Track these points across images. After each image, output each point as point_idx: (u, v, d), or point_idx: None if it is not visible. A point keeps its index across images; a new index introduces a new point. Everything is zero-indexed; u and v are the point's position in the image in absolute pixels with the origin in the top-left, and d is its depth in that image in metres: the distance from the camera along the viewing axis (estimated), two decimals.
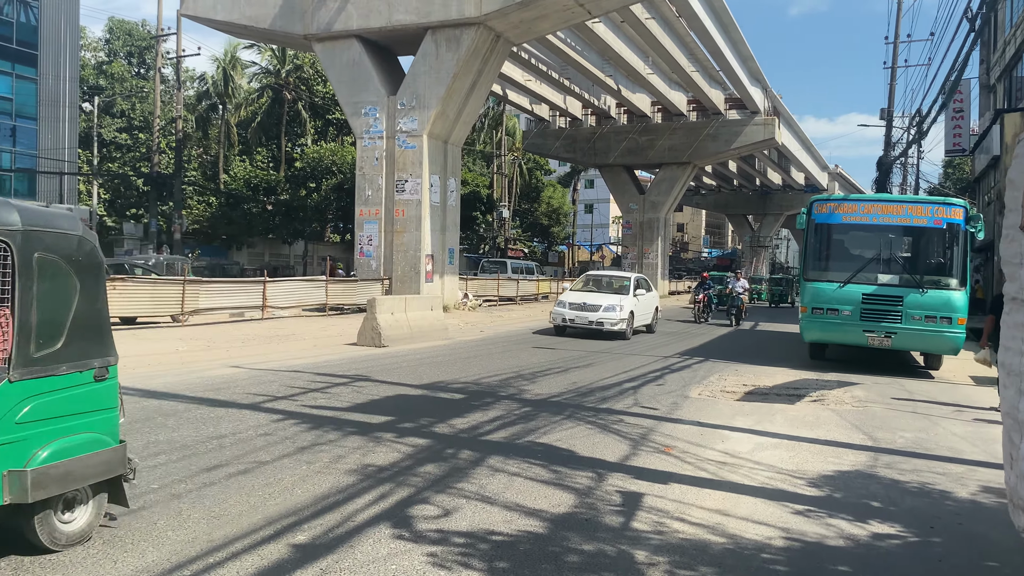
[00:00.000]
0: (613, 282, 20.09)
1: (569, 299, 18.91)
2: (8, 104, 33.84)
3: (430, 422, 7.87)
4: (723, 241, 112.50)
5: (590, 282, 20.44)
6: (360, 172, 26.73)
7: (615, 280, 20.30)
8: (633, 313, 18.63)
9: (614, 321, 17.86)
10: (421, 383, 10.53)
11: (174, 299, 18.62)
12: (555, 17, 25.36)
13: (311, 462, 6.14)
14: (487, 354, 14.50)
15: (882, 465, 6.97)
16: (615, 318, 17.89)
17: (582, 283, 20.53)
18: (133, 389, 9.23)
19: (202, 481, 5.55)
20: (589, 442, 7.27)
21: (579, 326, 18.23)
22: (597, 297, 18.66)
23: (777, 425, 8.63)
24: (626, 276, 20.70)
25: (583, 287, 20.04)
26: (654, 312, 21.13)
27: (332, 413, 8.16)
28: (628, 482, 5.97)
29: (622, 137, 49.10)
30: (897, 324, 13.57)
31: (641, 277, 21.15)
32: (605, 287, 19.76)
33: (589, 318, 17.98)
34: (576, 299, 18.69)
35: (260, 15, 27.33)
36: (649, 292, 20.86)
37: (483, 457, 6.52)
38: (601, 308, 18.01)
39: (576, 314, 18.24)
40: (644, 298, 19.90)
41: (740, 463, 6.77)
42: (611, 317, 17.87)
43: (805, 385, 11.95)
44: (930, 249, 14.11)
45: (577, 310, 18.32)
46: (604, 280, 20.50)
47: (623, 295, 18.85)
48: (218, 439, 6.82)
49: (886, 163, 33.11)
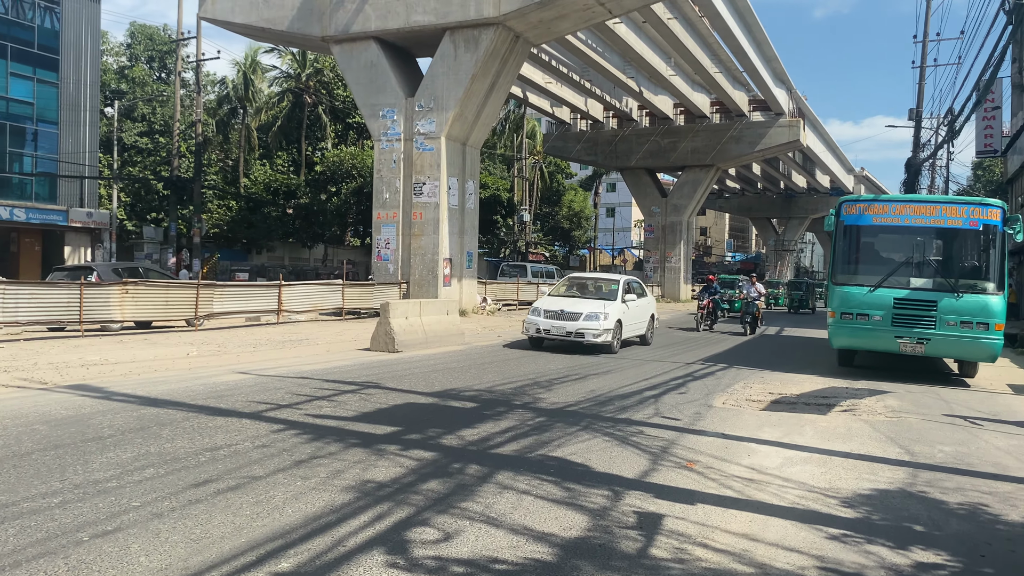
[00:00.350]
0: (599, 286, 17.78)
1: (545, 306, 16.19)
2: (29, 108, 33.93)
3: (438, 433, 7.46)
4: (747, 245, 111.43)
5: (572, 286, 18.07)
6: (377, 175, 26.45)
7: (601, 283, 17.91)
8: (621, 322, 16.10)
9: (596, 331, 15.35)
10: (432, 391, 10.13)
11: (187, 303, 18.37)
12: (575, 17, 24.94)
13: (307, 477, 5.75)
14: (503, 360, 14.08)
15: (922, 483, 6.47)
16: (598, 328, 15.37)
17: (563, 287, 18.09)
18: (133, 396, 8.93)
19: (188, 498, 5.17)
20: (606, 456, 6.82)
21: (556, 338, 15.72)
22: (578, 303, 16.14)
23: (807, 437, 8.14)
24: (613, 279, 17.91)
25: (564, 291, 17.63)
26: (649, 320, 18.56)
27: (336, 423, 7.78)
28: (647, 501, 5.52)
29: (644, 139, 48.59)
30: (931, 330, 13.00)
31: (632, 280, 18.58)
32: (589, 292, 17.46)
33: (567, 328, 15.49)
34: (553, 306, 16.05)
35: (278, 17, 27.16)
36: (642, 297, 18.35)
37: (491, 472, 6.10)
38: (581, 316, 15.48)
39: (552, 324, 15.65)
40: (635, 304, 17.41)
41: (768, 480, 6.30)
42: (593, 327, 15.36)
43: (834, 393, 11.42)
44: (965, 251, 13.51)
45: (553, 319, 15.70)
46: (588, 283, 18.17)
47: (609, 301, 16.30)
48: (212, 451, 6.45)
49: (915, 164, 32.33)
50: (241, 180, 48.01)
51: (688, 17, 34.31)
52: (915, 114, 33.07)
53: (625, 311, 16.52)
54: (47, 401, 8.51)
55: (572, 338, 15.47)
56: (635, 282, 18.57)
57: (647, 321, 18.34)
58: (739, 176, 69.91)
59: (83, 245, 35.85)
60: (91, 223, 35.71)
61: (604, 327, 15.42)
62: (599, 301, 16.26)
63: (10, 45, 32.86)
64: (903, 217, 13.61)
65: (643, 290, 18.81)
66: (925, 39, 32.53)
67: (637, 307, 17.51)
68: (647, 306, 18.59)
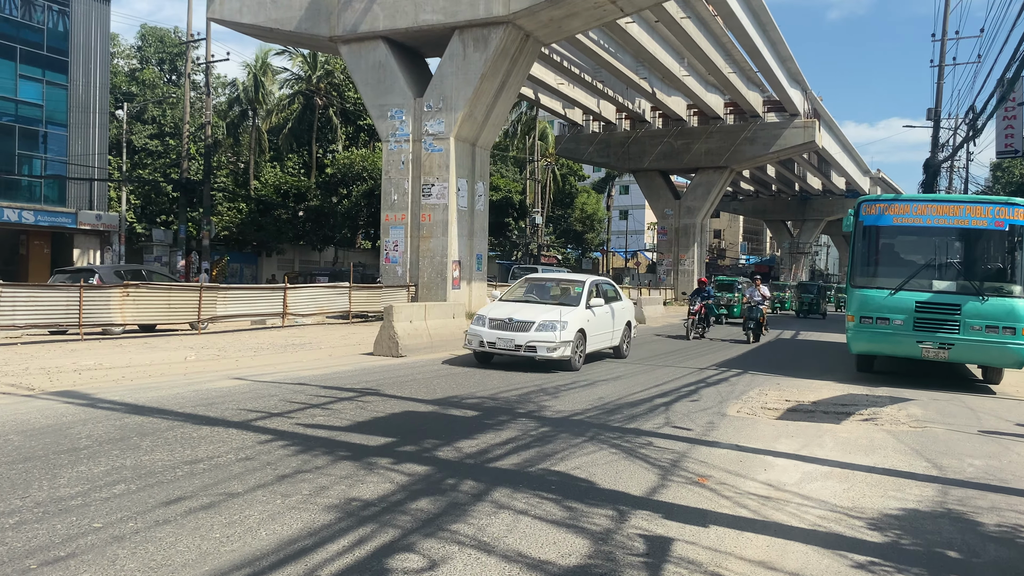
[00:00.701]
0: (560, 288, 14.92)
1: (491, 313, 13.26)
2: (39, 111, 33.79)
3: (434, 445, 7.04)
4: (761, 248, 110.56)
5: (530, 288, 15.09)
6: (386, 176, 26.09)
7: (563, 285, 15.02)
8: (584, 332, 13.40)
9: (551, 344, 12.54)
10: (433, 398, 9.71)
11: (190, 306, 18.05)
12: (586, 15, 24.51)
13: (287, 495, 5.34)
14: (509, 365, 13.65)
15: (953, 501, 5.99)
16: (552, 340, 12.54)
17: (519, 289, 15.16)
18: (120, 403, 8.57)
19: (155, 518, 4.77)
20: (612, 470, 6.38)
21: (502, 351, 12.90)
22: (531, 310, 13.20)
23: (826, 449, 7.67)
24: (577, 280, 14.97)
25: (519, 295, 14.80)
26: (624, 329, 15.71)
27: (327, 433, 7.37)
28: (655, 523, 5.08)
29: (657, 141, 48.09)
30: (954, 335, 12.47)
31: (603, 282, 15.74)
32: (549, 295, 14.69)
33: (515, 340, 12.64)
34: (500, 313, 13.17)
35: (285, 17, 26.88)
36: (614, 302, 15.44)
37: (487, 489, 5.67)
38: (533, 326, 12.66)
39: (498, 335, 12.80)
40: (604, 311, 14.49)
41: (786, 498, 5.84)
42: (547, 339, 12.54)
43: (854, 401, 10.93)
44: (990, 253, 12.97)
45: (500, 328, 12.87)
46: (548, 285, 15.21)
47: (570, 307, 13.51)
48: (191, 464, 6.05)
49: (933, 165, 31.68)
50: (251, 182, 47.86)
51: (701, 16, 33.81)
52: (934, 114, 32.44)
53: (590, 319, 13.80)
54: (28, 409, 8.16)
55: (522, 353, 12.65)
56: (606, 284, 15.89)
57: (621, 330, 15.54)
58: (753, 178, 69.25)
59: (92, 248, 35.68)
60: (100, 226, 35.54)
61: (561, 338, 12.63)
62: (557, 307, 13.32)
63: (19, 47, 32.74)
64: (925, 217, 13.09)
65: (617, 293, 16.09)
66: (944, 37, 31.92)
67: (607, 314, 14.68)
68: (622, 312, 15.65)
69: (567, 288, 14.78)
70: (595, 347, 14.25)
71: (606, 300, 14.88)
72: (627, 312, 16.07)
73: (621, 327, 15.53)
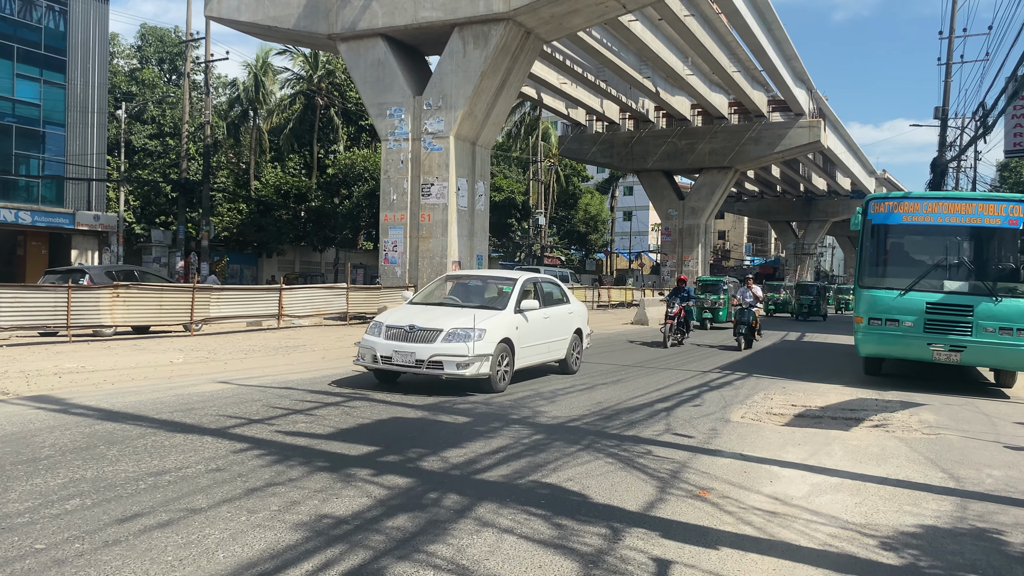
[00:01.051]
0: (486, 288, 12.08)
1: (389, 320, 10.49)
2: (36, 110, 33.49)
3: (420, 454, 6.64)
4: (766, 249, 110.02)
5: (454, 288, 12.23)
6: (385, 175, 25.75)
7: (490, 284, 12.14)
8: (511, 343, 10.61)
9: (463, 359, 9.74)
10: (424, 403, 9.31)
11: (183, 308, 17.69)
12: (588, 12, 24.14)
13: (254, 511, 4.94)
14: None
15: (973, 516, 5.57)
16: (464, 354, 9.74)
17: (434, 288, 12.35)
18: (94, 409, 8.18)
19: (105, 538, 4.37)
20: (607, 482, 5.97)
21: (401, 368, 10.08)
22: (440, 315, 10.47)
23: (836, 459, 7.25)
24: (507, 278, 12.12)
25: (433, 297, 11.91)
26: (573, 338, 12.73)
27: (307, 442, 6.98)
28: (651, 543, 4.67)
29: (661, 141, 47.67)
30: (967, 337, 12.03)
31: (544, 280, 12.64)
32: (473, 296, 11.80)
33: (417, 354, 9.83)
34: (400, 320, 10.34)
35: (284, 15, 26.55)
36: (559, 305, 12.52)
37: (472, 504, 5.26)
38: (440, 335, 9.88)
39: (396, 347, 9.98)
40: (541, 316, 11.58)
41: (794, 513, 5.43)
42: (456, 353, 9.75)
43: (863, 406, 10.50)
44: (1004, 252, 12.50)
45: (399, 339, 10.07)
46: (472, 284, 12.31)
47: (493, 311, 10.75)
48: (156, 476, 5.66)
49: (941, 164, 31.19)
50: (252, 183, 47.55)
51: (705, 14, 33.40)
52: (941, 112, 31.94)
53: (521, 326, 10.97)
54: None
55: (425, 370, 9.87)
56: (548, 283, 12.75)
57: (569, 339, 12.58)
58: (758, 179, 68.77)
59: (90, 248, 35.37)
60: (98, 226, 35.23)
61: (476, 351, 9.81)
62: (476, 312, 10.44)
63: (16, 46, 32.45)
64: (936, 215, 12.65)
65: (564, 295, 13.06)
66: (951, 34, 31.43)
67: (546, 320, 11.75)
68: (567, 318, 12.65)
69: (495, 287, 11.93)
70: (530, 361, 11.43)
71: (546, 303, 11.96)
72: (576, 318, 13.02)
73: (568, 336, 12.57)
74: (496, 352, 10.23)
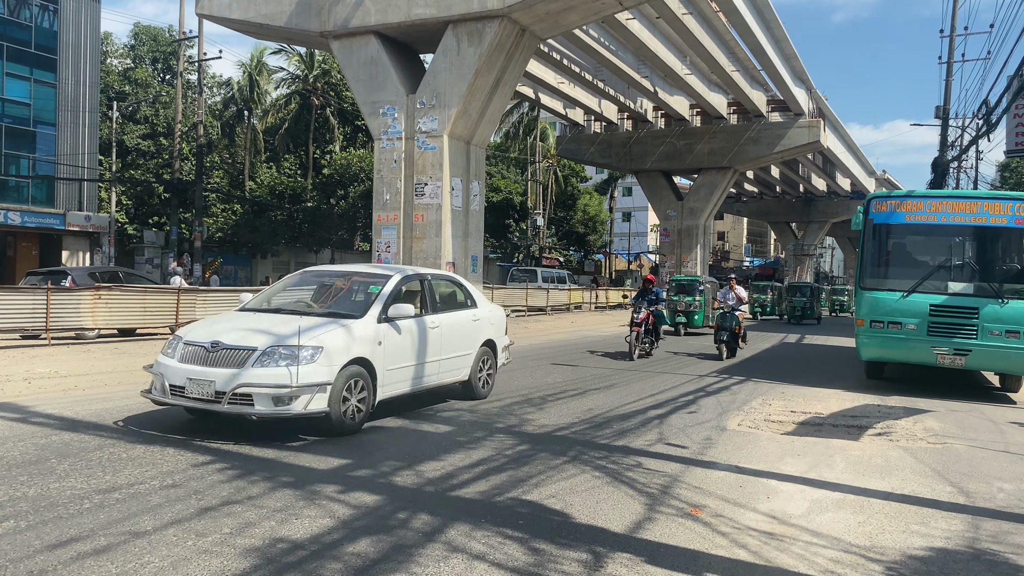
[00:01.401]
0: (349, 288, 8.89)
1: (191, 334, 7.59)
2: (26, 109, 33.09)
3: (393, 468, 6.23)
4: (765, 250, 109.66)
5: (307, 287, 9.45)
6: (378, 175, 25.33)
7: (356, 283, 8.95)
8: (370, 364, 7.66)
9: (282, 391, 6.88)
10: (406, 410, 8.89)
11: (168, 310, 17.28)
12: (584, 9, 23.71)
13: (203, 534, 4.53)
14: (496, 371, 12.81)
15: (987, 537, 5.16)
16: (284, 383, 6.89)
17: (282, 292, 9.35)
18: (56, 418, 7.78)
19: (30, 568, 3.96)
20: (592, 499, 5.56)
21: (195, 400, 7.10)
22: (262, 326, 7.58)
23: (837, 471, 6.83)
24: (379, 274, 8.95)
25: (280, 300, 9.03)
26: (481, 353, 9.89)
27: (275, 454, 6.56)
28: (635, 570, 4.26)
29: (659, 141, 47.23)
30: (972, 340, 11.62)
31: (434, 277, 9.58)
32: (332, 299, 8.73)
33: (217, 383, 6.94)
34: (204, 334, 7.46)
35: (275, 12, 26.13)
36: (463, 310, 9.75)
37: (444, 525, 4.85)
38: (253, 356, 7.03)
39: (191, 373, 7.11)
40: (422, 325, 8.64)
41: (792, 534, 5.02)
42: (271, 382, 6.90)
43: (865, 412, 10.09)
44: (1010, 252, 12.11)
45: (196, 361, 7.20)
46: (331, 283, 9.19)
47: (346, 319, 7.79)
48: (105, 494, 5.25)
49: (942, 163, 30.81)
50: (246, 183, 47.15)
51: (703, 12, 32.97)
52: (942, 111, 31.57)
53: (389, 340, 7.95)
54: None
55: (227, 406, 6.88)
56: (442, 281, 9.85)
57: (474, 354, 9.68)
58: (757, 179, 68.35)
59: (81, 249, 34.96)
60: (89, 227, 34.82)
61: (305, 379, 6.94)
62: (315, 321, 7.62)
63: (6, 44, 32.07)
64: (940, 214, 12.25)
65: (468, 297, 10.03)
66: (952, 32, 31.07)
67: (436, 331, 8.81)
68: (473, 328, 9.76)
69: (361, 286, 8.77)
70: (405, 387, 8.32)
71: (440, 307, 9.18)
72: (486, 326, 10.04)
73: (473, 350, 9.65)
74: (341, 379, 7.19)
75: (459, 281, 10.39)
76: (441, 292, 9.68)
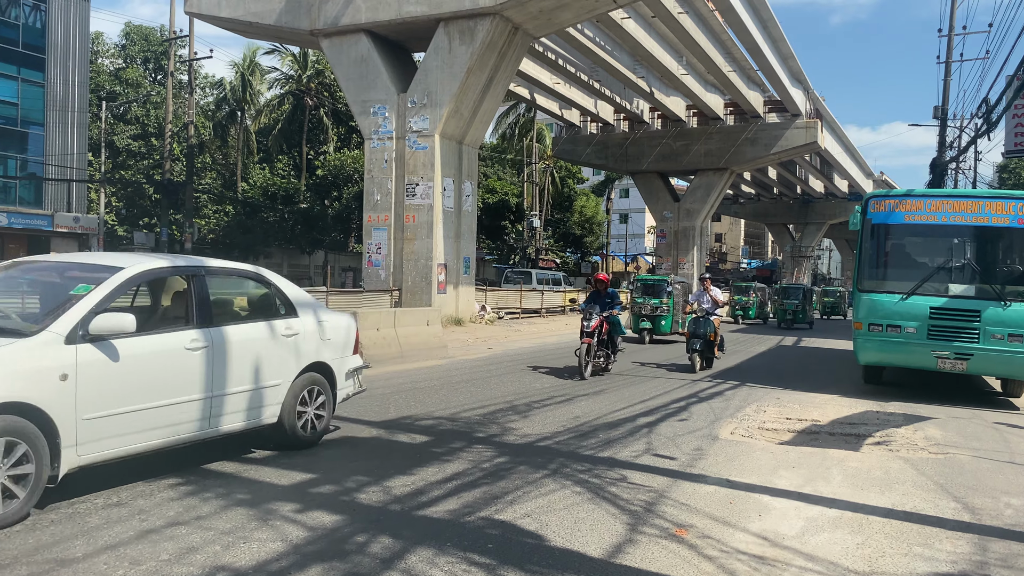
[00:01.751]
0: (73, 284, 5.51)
1: None
2: (14, 109, 32.67)
3: (359, 484, 5.82)
4: (763, 252, 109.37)
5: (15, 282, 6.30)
6: (368, 175, 24.95)
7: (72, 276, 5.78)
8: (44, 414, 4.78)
9: None
10: (383, 419, 8.50)
11: None
12: (577, 7, 23.35)
13: (138, 561, 4.13)
14: (483, 377, 12.43)
15: (996, 561, 4.77)
16: None
17: None
18: None
19: None
20: (570, 519, 5.16)
21: None
22: None
23: (834, 485, 6.44)
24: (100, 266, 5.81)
25: None
26: (301, 382, 6.91)
27: (235, 468, 6.17)
28: None
29: (656, 142, 46.86)
30: (974, 344, 11.23)
31: (225, 270, 6.77)
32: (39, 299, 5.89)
33: None
34: None
35: (265, 11, 25.77)
36: (270, 320, 6.79)
37: (404, 550, 4.45)
38: None
39: None
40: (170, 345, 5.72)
41: (785, 558, 4.62)
42: None
43: (863, 420, 9.70)
44: (1013, 253, 11.72)
45: None
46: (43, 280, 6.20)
47: None
48: (42, 514, 4.84)
49: (940, 164, 30.46)
50: (239, 184, 46.73)
51: (699, 11, 32.61)
52: (940, 111, 31.21)
53: (91, 370, 5.10)
54: None
55: None
56: (231, 276, 6.96)
57: (286, 386, 6.77)
58: (754, 180, 68.00)
59: (70, 251, 34.50)
60: (78, 228, 34.40)
61: None
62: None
63: None
64: (940, 214, 11.86)
65: (283, 302, 7.02)
66: (951, 32, 30.71)
67: (200, 355, 5.92)
68: (285, 346, 6.80)
69: (66, 284, 5.69)
70: (140, 442, 5.48)
71: (211, 318, 6.16)
72: (310, 345, 7.07)
73: (285, 379, 6.78)
74: None
75: (268, 279, 7.05)
76: (229, 295, 7.16)
